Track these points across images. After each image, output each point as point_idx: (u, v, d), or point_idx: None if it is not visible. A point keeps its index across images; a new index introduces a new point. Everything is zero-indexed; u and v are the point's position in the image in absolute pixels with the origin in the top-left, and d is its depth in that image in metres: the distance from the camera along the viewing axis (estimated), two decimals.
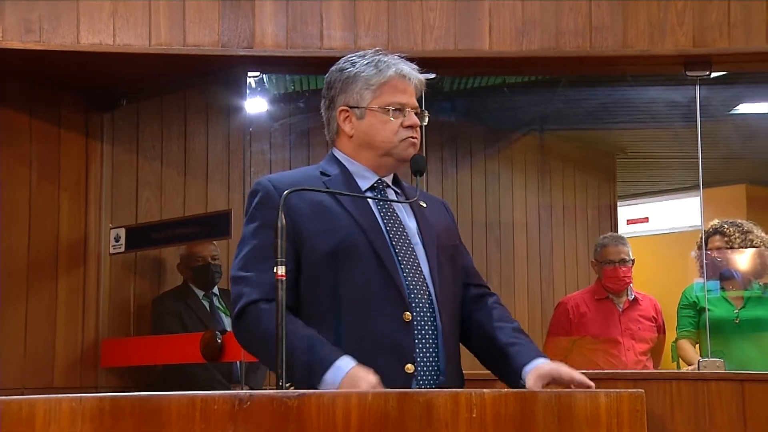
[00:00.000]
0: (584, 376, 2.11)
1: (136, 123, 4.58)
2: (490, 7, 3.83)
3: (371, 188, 2.34)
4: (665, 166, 6.86)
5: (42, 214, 4.24)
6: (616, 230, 6.19)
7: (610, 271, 4.47)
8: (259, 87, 4.12)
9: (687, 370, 4.13)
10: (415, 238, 2.30)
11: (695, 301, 4.32)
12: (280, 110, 4.69)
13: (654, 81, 4.68)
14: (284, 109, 4.72)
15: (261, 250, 2.18)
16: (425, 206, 2.38)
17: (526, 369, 2.18)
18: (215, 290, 4.45)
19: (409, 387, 2.14)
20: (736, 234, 4.33)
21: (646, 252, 5.70)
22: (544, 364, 2.18)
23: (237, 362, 4.10)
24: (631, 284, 4.55)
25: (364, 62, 2.33)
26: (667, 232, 7.13)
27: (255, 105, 4.22)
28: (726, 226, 4.36)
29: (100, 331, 4.34)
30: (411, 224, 2.32)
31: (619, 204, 6.58)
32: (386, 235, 2.24)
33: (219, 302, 4.43)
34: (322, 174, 2.32)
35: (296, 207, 2.20)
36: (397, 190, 2.40)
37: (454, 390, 1.64)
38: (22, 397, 1.52)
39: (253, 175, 4.04)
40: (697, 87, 3.88)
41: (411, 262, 2.24)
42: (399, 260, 2.22)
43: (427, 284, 2.24)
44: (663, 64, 3.92)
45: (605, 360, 4.43)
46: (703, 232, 4.35)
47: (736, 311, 4.26)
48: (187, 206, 4.56)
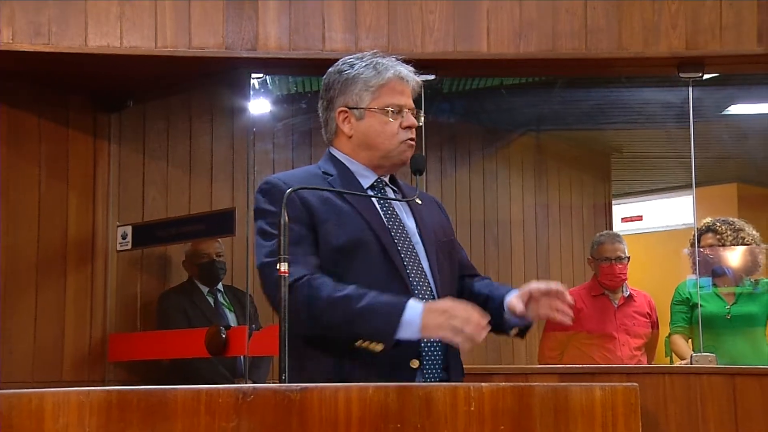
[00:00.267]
0: (553, 282, 2.20)
1: (142, 123, 4.58)
2: (489, 10, 3.83)
3: (371, 187, 2.33)
4: (659, 166, 6.86)
5: (51, 213, 4.24)
6: (610, 228, 6.18)
7: (607, 268, 4.46)
8: (262, 88, 4.12)
9: (680, 364, 4.13)
10: (416, 236, 2.30)
11: (688, 298, 4.31)
12: (283, 111, 4.69)
13: (648, 82, 4.68)
14: (287, 109, 4.72)
15: (290, 240, 2.13)
16: (420, 204, 2.38)
17: (506, 299, 2.25)
18: (219, 286, 4.45)
19: (414, 381, 2.13)
20: (728, 232, 4.33)
21: (640, 249, 5.69)
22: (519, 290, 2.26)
23: (241, 357, 4.10)
24: (627, 281, 4.55)
25: (363, 64, 2.31)
26: (660, 229, 7.13)
27: (258, 106, 4.22)
28: (718, 224, 4.36)
29: (107, 326, 4.34)
30: (410, 223, 2.32)
31: (613, 202, 6.57)
32: (389, 232, 2.25)
33: (223, 298, 4.43)
34: (325, 173, 2.30)
35: (310, 202, 2.20)
36: (395, 189, 2.39)
37: (452, 384, 1.64)
38: (32, 390, 1.52)
39: (256, 174, 4.03)
40: (690, 88, 3.88)
41: (413, 260, 2.24)
42: (402, 257, 2.22)
43: (428, 281, 2.24)
44: (657, 66, 3.92)
45: (601, 355, 4.43)
46: (695, 230, 4.35)
47: (728, 307, 4.25)
48: (193, 204, 4.57)
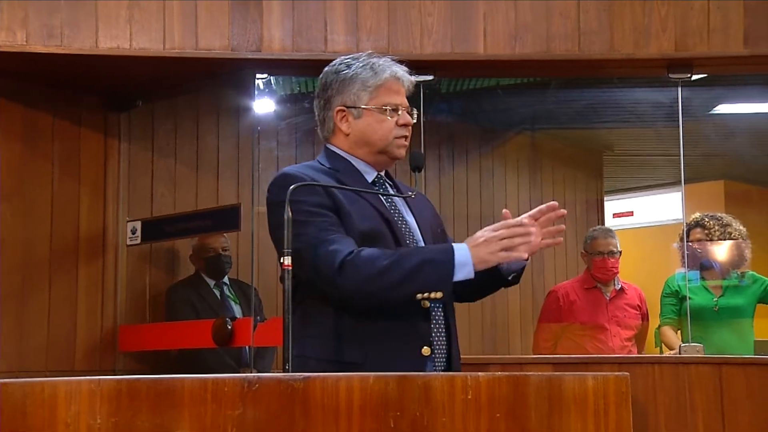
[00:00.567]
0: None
1: (151, 122, 4.58)
2: (485, 13, 3.82)
3: (373, 183, 2.33)
4: (649, 163, 6.85)
5: (63, 208, 4.24)
6: (602, 223, 6.17)
7: (599, 261, 4.46)
8: (266, 88, 4.11)
9: (669, 354, 4.13)
10: (416, 229, 2.30)
11: (677, 290, 4.31)
12: (287, 110, 4.68)
13: (639, 83, 4.67)
14: (290, 109, 4.71)
15: (328, 224, 2.15)
16: (414, 199, 2.37)
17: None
18: (225, 280, 4.45)
19: (424, 369, 2.14)
20: (716, 227, 4.33)
21: (631, 244, 5.68)
22: None
23: (246, 347, 4.11)
24: (618, 274, 4.55)
25: (360, 65, 2.30)
26: (650, 225, 7.11)
27: (263, 105, 4.21)
28: (706, 219, 4.36)
29: (117, 318, 4.34)
30: (409, 217, 2.32)
31: (605, 199, 6.57)
32: (398, 225, 2.25)
33: (229, 291, 4.44)
34: (331, 169, 2.28)
35: (331, 190, 2.18)
36: (391, 185, 2.40)
37: (450, 373, 1.64)
38: (45, 379, 1.53)
39: (261, 171, 4.03)
40: (679, 89, 3.88)
41: None
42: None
43: None
44: (647, 67, 3.91)
45: (593, 345, 4.43)
46: (684, 225, 4.35)
47: (715, 299, 4.26)
48: (199, 200, 4.57)
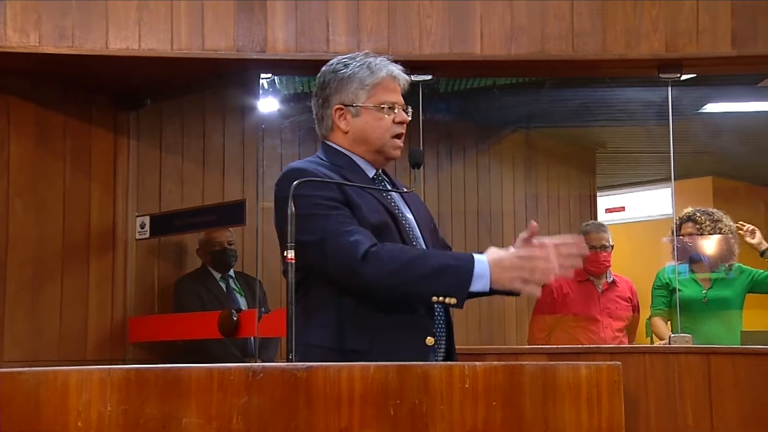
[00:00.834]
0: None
1: (159, 121, 4.58)
2: (482, 14, 3.82)
3: (373, 179, 2.32)
4: (640, 160, 6.85)
5: (75, 204, 4.24)
6: (595, 218, 6.17)
7: (592, 255, 4.45)
8: (270, 88, 4.11)
9: (659, 344, 4.13)
10: (414, 224, 2.30)
11: (667, 283, 4.31)
12: (290, 109, 4.67)
13: (630, 83, 4.66)
14: (294, 108, 4.70)
15: (345, 216, 2.12)
16: (409, 195, 2.37)
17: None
18: (231, 273, 4.45)
19: (428, 358, 2.13)
20: (707, 222, 4.32)
21: (623, 238, 5.69)
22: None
23: (251, 338, 4.11)
24: (610, 268, 4.55)
25: (357, 64, 2.29)
26: (641, 220, 7.11)
27: (267, 104, 4.21)
28: (698, 214, 4.36)
29: (127, 310, 4.35)
30: (407, 212, 2.32)
31: (598, 194, 6.57)
32: (401, 220, 2.25)
33: (235, 283, 4.44)
34: (334, 165, 2.27)
35: (339, 185, 2.16)
36: (388, 182, 2.39)
37: (448, 363, 1.64)
38: (58, 368, 1.53)
39: (265, 168, 4.03)
40: (669, 88, 3.88)
41: (418, 244, 2.25)
42: (413, 243, 2.23)
43: None
44: (638, 68, 3.91)
45: (585, 336, 4.44)
46: (675, 219, 4.35)
47: (704, 292, 4.26)
48: (206, 196, 4.56)
